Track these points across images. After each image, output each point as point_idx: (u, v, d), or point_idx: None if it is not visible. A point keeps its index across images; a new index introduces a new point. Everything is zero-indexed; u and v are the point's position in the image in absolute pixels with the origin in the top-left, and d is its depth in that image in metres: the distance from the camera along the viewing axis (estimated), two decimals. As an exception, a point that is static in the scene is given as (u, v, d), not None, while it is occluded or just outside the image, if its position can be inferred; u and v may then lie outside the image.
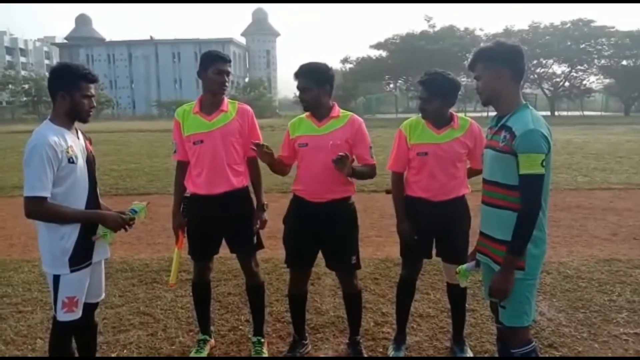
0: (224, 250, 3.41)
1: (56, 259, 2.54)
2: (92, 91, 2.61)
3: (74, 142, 2.58)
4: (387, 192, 3.35)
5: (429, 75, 3.11)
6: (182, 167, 3.32)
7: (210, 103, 3.20)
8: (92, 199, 2.67)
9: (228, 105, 3.24)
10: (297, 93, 3.16)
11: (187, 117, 3.23)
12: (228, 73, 3.17)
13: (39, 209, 2.45)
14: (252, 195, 3.37)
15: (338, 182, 3.08)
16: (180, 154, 3.30)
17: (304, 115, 3.23)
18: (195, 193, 3.23)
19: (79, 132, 2.69)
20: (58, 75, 2.58)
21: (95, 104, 2.67)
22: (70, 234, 2.54)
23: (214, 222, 3.23)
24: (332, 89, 3.15)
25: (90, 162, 2.68)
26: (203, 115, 3.19)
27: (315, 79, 3.06)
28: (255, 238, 3.35)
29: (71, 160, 2.51)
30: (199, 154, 3.18)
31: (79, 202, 2.58)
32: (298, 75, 3.10)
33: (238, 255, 3.41)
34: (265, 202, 3.37)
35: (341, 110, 3.19)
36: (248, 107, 3.33)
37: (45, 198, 2.43)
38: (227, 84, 3.18)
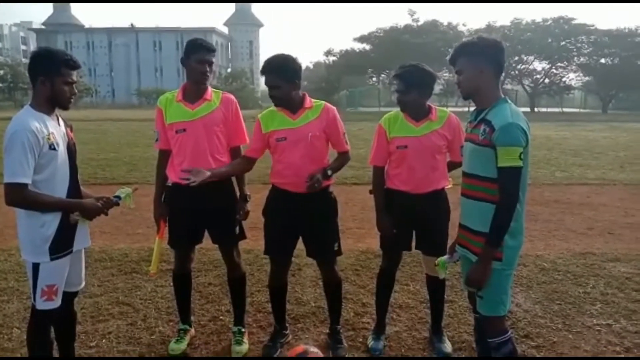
0: (205, 240, 3.39)
1: (36, 247, 2.51)
2: (74, 78, 2.56)
3: (55, 128, 2.54)
4: (371, 192, 3.38)
5: (404, 67, 3.13)
6: (164, 156, 3.28)
7: (194, 92, 3.16)
8: (73, 187, 2.64)
9: (212, 94, 3.20)
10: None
11: (169, 105, 3.19)
12: (211, 63, 3.11)
13: (20, 196, 2.41)
14: (235, 186, 3.35)
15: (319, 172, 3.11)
16: (162, 143, 3.26)
17: (275, 107, 3.19)
18: (177, 182, 3.20)
19: (60, 119, 2.65)
20: (39, 59, 2.53)
21: (76, 91, 2.62)
22: (51, 221, 2.52)
23: (196, 211, 3.21)
24: (300, 80, 3.09)
25: (71, 149, 2.65)
26: (186, 104, 3.15)
27: (284, 76, 3.00)
28: (237, 228, 3.34)
29: (52, 147, 2.47)
30: (181, 142, 3.14)
31: (60, 189, 2.55)
32: (265, 72, 3.02)
33: (220, 246, 3.40)
34: (248, 193, 3.36)
35: (313, 100, 3.19)
36: (232, 97, 3.29)
37: (26, 185, 2.40)
38: (209, 74, 3.12)
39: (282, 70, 3.02)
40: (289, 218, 3.19)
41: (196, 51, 3.08)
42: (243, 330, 3.43)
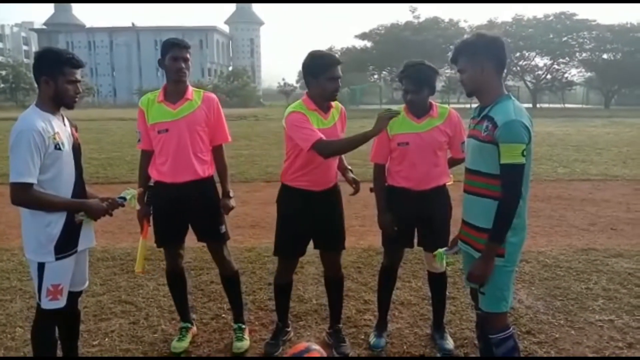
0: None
1: (41, 247, 2.51)
2: (77, 76, 2.57)
3: (60, 128, 2.55)
4: (371, 190, 3.38)
5: (412, 66, 3.11)
6: (146, 157, 3.29)
7: (175, 91, 3.16)
8: (79, 187, 2.64)
9: (193, 93, 3.20)
10: (332, 83, 3.02)
11: (151, 106, 3.19)
12: (185, 59, 3.10)
13: (25, 196, 2.41)
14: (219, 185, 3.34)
15: (335, 170, 3.23)
16: (144, 143, 3.26)
17: (305, 107, 3.06)
18: (160, 181, 3.20)
19: (65, 119, 2.66)
20: (41, 60, 2.53)
21: (81, 90, 2.63)
22: (57, 221, 2.52)
23: (179, 209, 3.21)
24: None
25: (76, 149, 2.65)
26: (168, 104, 3.15)
27: None
28: (223, 227, 3.33)
29: (58, 147, 2.48)
30: (164, 142, 3.14)
31: (65, 189, 2.55)
32: (337, 64, 3.04)
33: (208, 245, 3.41)
34: (231, 190, 3.35)
35: None
36: (213, 95, 3.30)
37: (31, 184, 2.40)
38: (184, 70, 3.10)
39: None
40: (306, 218, 3.17)
41: (169, 50, 3.08)
42: (243, 326, 3.44)
